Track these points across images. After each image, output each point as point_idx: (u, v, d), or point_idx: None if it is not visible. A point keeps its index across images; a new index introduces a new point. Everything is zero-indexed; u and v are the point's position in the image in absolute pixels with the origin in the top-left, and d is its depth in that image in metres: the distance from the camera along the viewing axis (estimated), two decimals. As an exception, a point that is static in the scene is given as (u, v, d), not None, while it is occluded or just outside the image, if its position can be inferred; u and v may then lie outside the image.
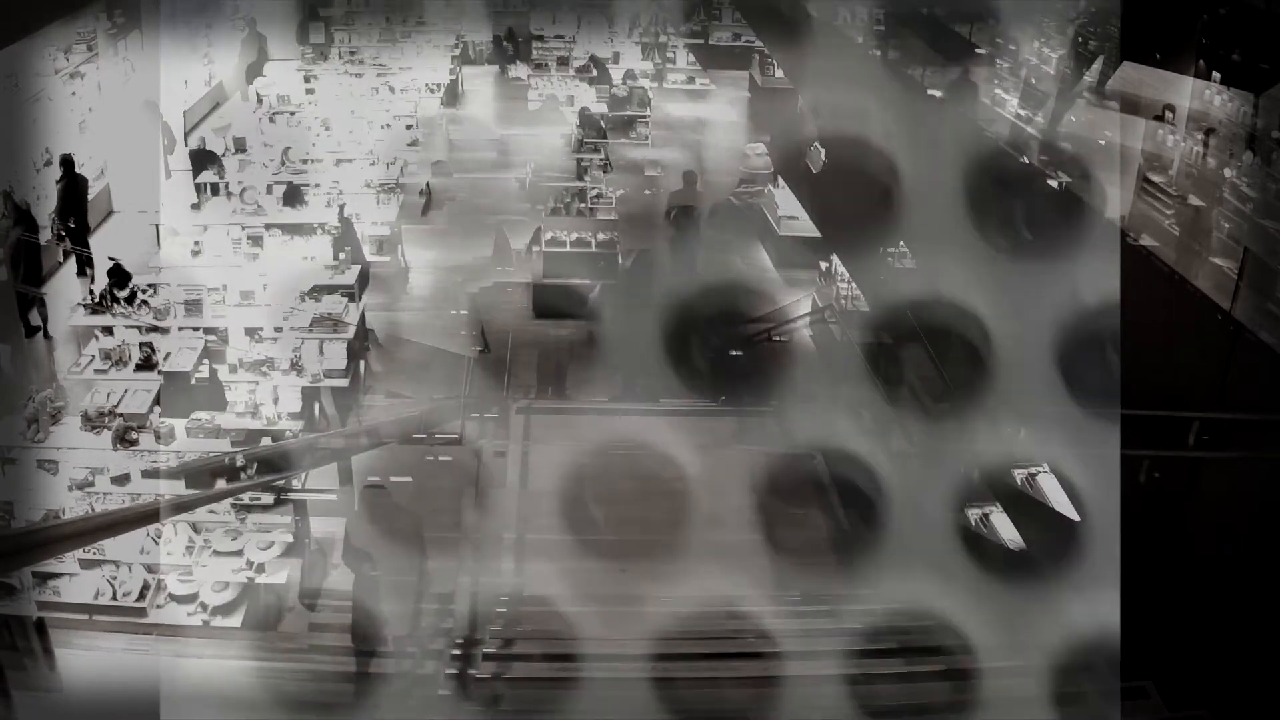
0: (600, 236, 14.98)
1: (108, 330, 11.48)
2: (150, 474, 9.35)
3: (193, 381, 10.92)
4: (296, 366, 11.17)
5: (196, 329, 11.52)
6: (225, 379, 10.95)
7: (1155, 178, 11.21)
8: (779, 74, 22.28)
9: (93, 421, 9.99)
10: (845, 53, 16.39)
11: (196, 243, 13.30)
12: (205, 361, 11.11)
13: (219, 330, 11.60)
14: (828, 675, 8.82)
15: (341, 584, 9.42)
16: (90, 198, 14.72)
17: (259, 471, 8.83)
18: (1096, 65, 13.21)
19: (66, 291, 13.84)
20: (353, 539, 9.18)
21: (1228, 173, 10.55)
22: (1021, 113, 13.85)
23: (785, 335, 14.37)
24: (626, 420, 12.39)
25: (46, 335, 13.25)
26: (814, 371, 13.54)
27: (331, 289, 12.55)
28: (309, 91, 19.36)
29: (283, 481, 9.42)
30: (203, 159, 15.32)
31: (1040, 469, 10.06)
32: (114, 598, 9.09)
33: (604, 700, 8.58)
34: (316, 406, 11.26)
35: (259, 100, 19.28)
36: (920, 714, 8.70)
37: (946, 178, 10.85)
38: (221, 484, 8.74)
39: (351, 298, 12.61)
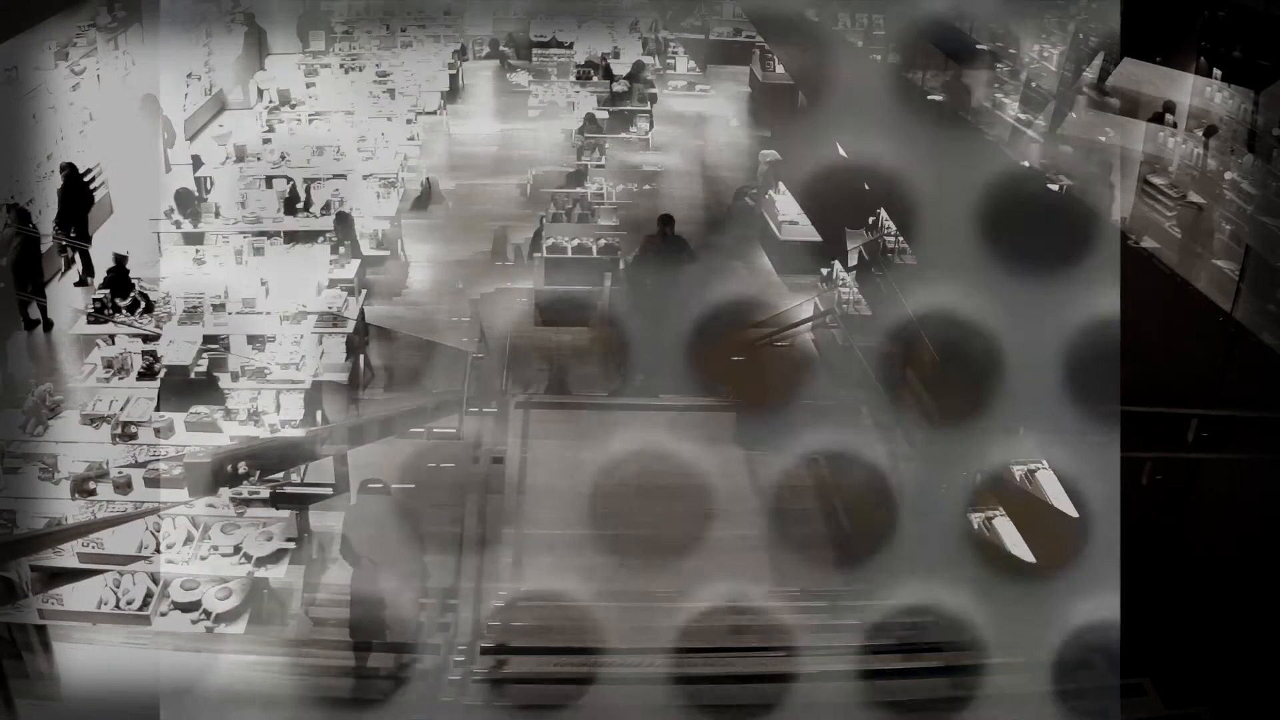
0: (602, 242, 14.94)
1: (110, 339, 11.48)
2: (153, 482, 9.34)
3: (191, 376, 10.93)
4: (295, 365, 11.17)
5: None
6: (227, 386, 10.95)
7: (1156, 180, 11.23)
8: (779, 69, 22.26)
9: (93, 419, 10.00)
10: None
11: (198, 250, 13.30)
12: (204, 357, 11.11)
13: (221, 338, 11.58)
14: (828, 671, 8.83)
15: (340, 578, 9.41)
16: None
17: (262, 475, 8.82)
18: (1097, 62, 13.22)
19: (66, 293, 13.87)
20: (350, 535, 9.18)
21: (1228, 175, 10.56)
22: (1022, 116, 13.85)
23: (787, 340, 14.35)
24: (625, 416, 12.38)
25: (46, 328, 13.25)
26: (816, 375, 13.52)
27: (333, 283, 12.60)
28: (309, 86, 19.31)
29: (280, 476, 9.42)
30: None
31: (1040, 465, 10.07)
32: (117, 606, 9.07)
33: (602, 697, 8.59)
34: (319, 414, 11.24)
35: (260, 95, 19.27)
36: (920, 710, 8.70)
37: (948, 182, 10.86)
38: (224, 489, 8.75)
39: (351, 293, 12.62)
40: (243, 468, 8.85)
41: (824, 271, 14.78)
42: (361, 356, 12.44)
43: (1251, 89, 10.69)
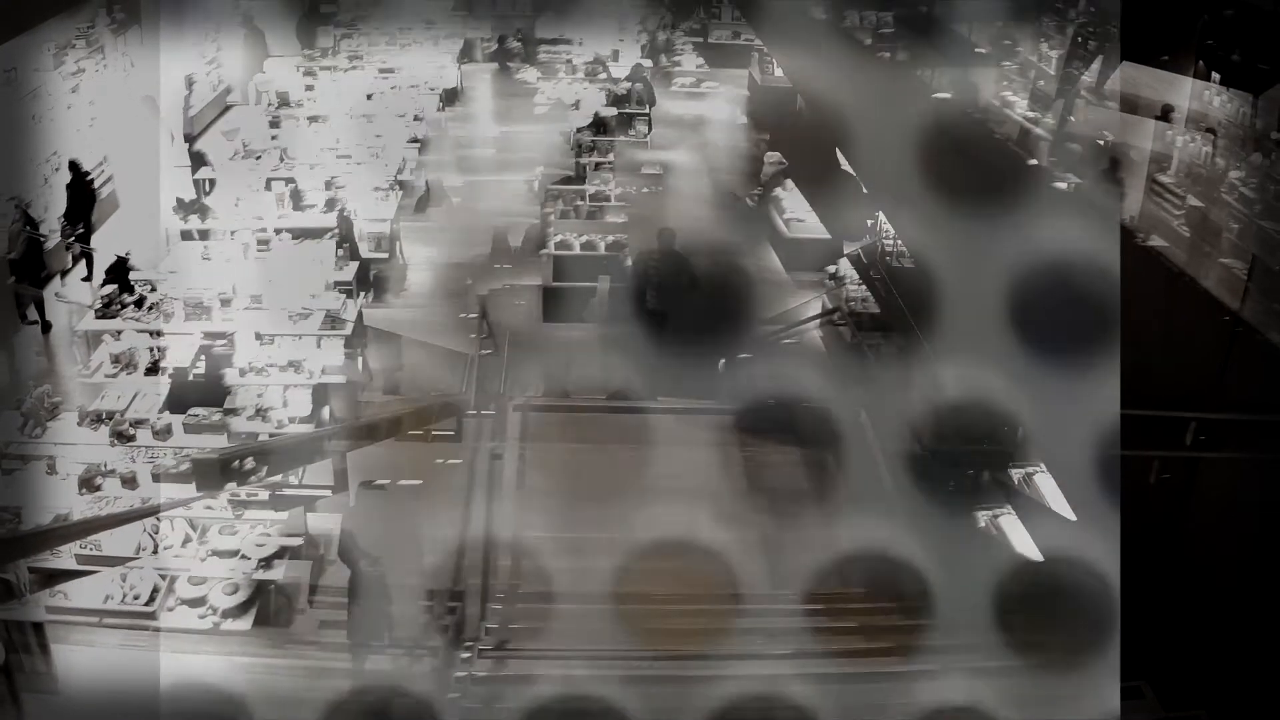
0: (609, 239, 14.94)
1: (116, 335, 11.49)
2: (159, 477, 9.34)
3: (190, 377, 10.93)
4: (294, 365, 11.18)
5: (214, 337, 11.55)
6: (234, 383, 10.96)
7: (1164, 179, 11.21)
8: (778, 72, 22.29)
9: (91, 418, 10.00)
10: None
11: (205, 247, 13.31)
12: (209, 354, 11.12)
13: (227, 334, 11.58)
14: (827, 673, 8.83)
15: (341, 579, 9.40)
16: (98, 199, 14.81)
17: (269, 472, 8.81)
18: (1095, 65, 13.23)
19: (74, 289, 13.87)
20: (349, 535, 9.17)
21: (1233, 174, 10.55)
22: (1029, 114, 13.87)
23: (795, 337, 14.36)
24: (624, 418, 12.37)
25: (45, 329, 13.26)
26: (823, 373, 13.53)
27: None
28: (309, 89, 19.33)
29: (280, 477, 9.41)
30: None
31: (1037, 468, 10.06)
32: (123, 601, 9.07)
33: (601, 698, 8.57)
34: (327, 410, 11.25)
35: (259, 96, 19.32)
36: (914, 710, 8.68)
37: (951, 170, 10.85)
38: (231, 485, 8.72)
39: (349, 295, 12.62)
40: (249, 463, 8.85)
41: (831, 269, 14.81)
42: (360, 358, 12.44)
43: (1250, 92, 10.69)
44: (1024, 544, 10.02)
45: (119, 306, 11.92)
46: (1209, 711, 8.26)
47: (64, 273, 14.33)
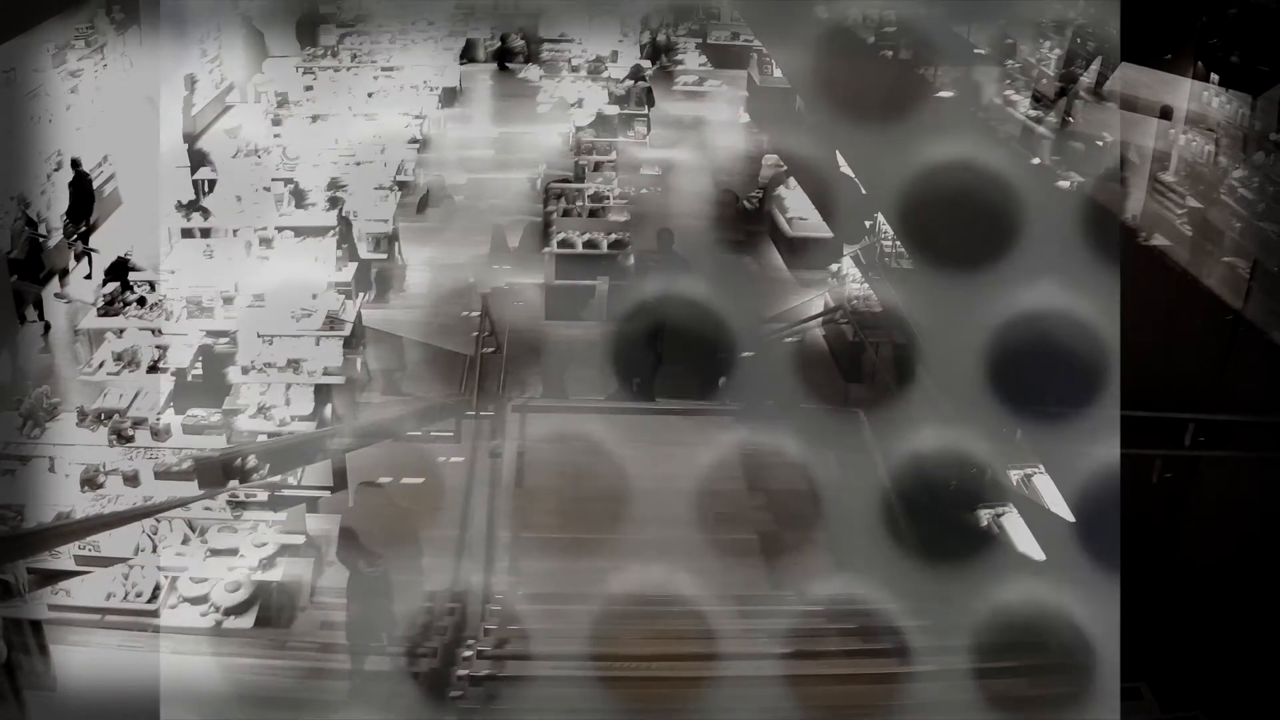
0: (611, 237, 14.94)
1: (119, 333, 11.51)
2: (162, 474, 9.34)
3: (189, 378, 10.93)
4: (293, 364, 11.19)
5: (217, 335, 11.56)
6: (236, 381, 10.97)
7: (1166, 178, 11.20)
8: (777, 73, 22.30)
9: (89, 417, 10.00)
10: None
11: (207, 245, 13.32)
12: (200, 358, 11.12)
13: (229, 333, 11.59)
14: (828, 675, 8.83)
15: (338, 580, 9.40)
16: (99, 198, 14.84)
17: (271, 470, 8.82)
18: (1094, 66, 13.23)
19: (77, 288, 13.88)
20: (348, 535, 9.17)
21: (1237, 173, 10.54)
22: (1032, 114, 13.87)
23: (797, 336, 14.38)
24: (623, 420, 12.36)
25: (45, 330, 13.27)
26: (828, 372, 13.54)
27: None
28: (308, 89, 19.33)
29: (280, 478, 9.41)
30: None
31: (1036, 469, 10.05)
32: (125, 599, 9.06)
33: (600, 698, 8.57)
34: (329, 408, 11.26)
35: (258, 96, 19.33)
36: (913, 712, 8.67)
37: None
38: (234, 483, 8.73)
39: (349, 295, 12.62)
40: (251, 462, 8.85)
41: (834, 268, 14.84)
42: (359, 359, 12.44)
43: (1250, 93, 10.68)
44: (1025, 544, 10.02)
45: (121, 305, 11.93)
46: (1206, 713, 8.26)
47: (64, 271, 14.34)
